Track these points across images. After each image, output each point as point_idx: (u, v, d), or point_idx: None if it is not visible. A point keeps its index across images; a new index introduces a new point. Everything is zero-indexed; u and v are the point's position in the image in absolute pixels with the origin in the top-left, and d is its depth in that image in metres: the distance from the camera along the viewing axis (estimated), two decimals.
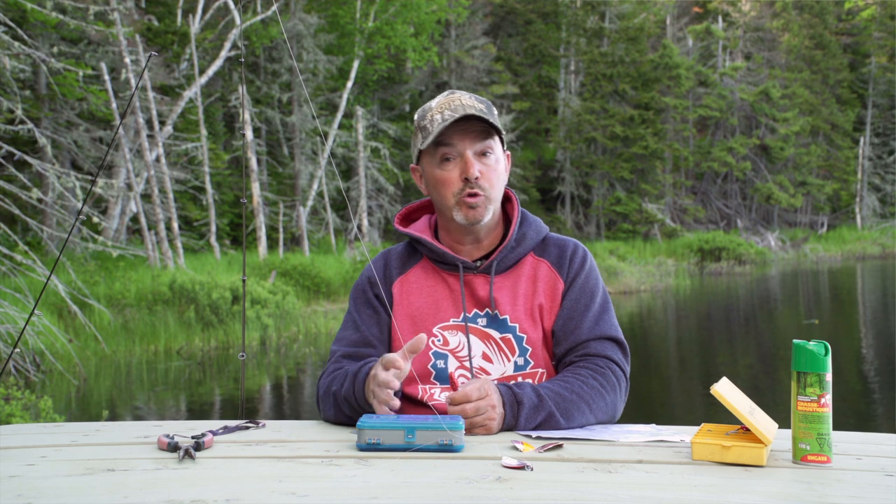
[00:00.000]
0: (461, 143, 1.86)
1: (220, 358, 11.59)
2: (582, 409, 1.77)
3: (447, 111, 1.85)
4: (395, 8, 24.16)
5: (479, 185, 1.86)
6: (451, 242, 1.96)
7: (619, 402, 1.86)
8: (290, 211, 22.00)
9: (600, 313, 1.92)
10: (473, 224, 1.89)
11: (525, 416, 1.71)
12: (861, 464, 1.44)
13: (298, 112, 22.81)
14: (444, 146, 1.87)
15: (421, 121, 1.91)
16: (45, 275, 10.32)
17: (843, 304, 17.98)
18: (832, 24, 40.65)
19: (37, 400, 6.49)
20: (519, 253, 1.94)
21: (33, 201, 12.44)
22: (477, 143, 1.87)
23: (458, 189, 1.87)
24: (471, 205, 1.87)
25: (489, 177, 1.88)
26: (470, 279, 1.93)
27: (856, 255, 32.53)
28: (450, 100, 1.88)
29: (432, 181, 1.91)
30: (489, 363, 1.89)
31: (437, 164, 1.89)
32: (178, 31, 20.74)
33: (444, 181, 1.88)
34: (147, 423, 1.85)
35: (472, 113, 1.83)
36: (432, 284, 1.95)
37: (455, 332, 1.91)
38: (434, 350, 1.90)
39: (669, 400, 8.83)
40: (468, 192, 1.86)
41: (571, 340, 1.89)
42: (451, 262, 1.93)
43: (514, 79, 31.32)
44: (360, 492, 1.28)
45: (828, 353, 1.43)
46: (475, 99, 1.89)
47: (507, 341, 1.89)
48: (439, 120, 1.85)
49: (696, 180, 35.58)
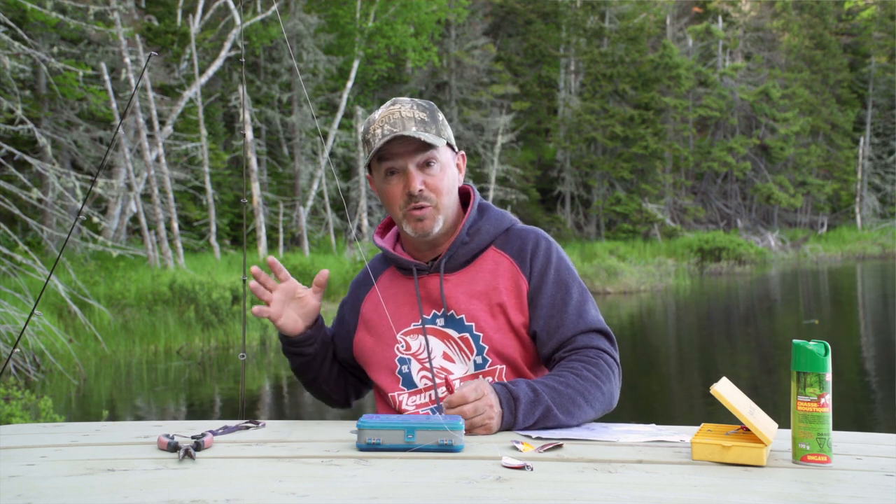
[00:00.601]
0: (402, 158, 1.86)
1: (220, 358, 11.59)
2: (578, 401, 1.76)
3: (387, 125, 1.85)
4: (395, 8, 24.16)
5: (424, 196, 1.86)
6: (411, 249, 1.98)
7: (615, 389, 1.85)
8: (290, 211, 22.00)
9: (580, 306, 1.89)
10: (423, 236, 1.90)
11: (523, 413, 1.70)
12: (861, 464, 1.44)
13: (298, 112, 22.82)
14: (386, 161, 1.87)
15: (365, 134, 1.92)
16: (45, 275, 10.32)
17: (843, 304, 17.98)
18: (832, 24, 40.65)
19: (37, 400, 6.48)
20: (473, 248, 1.92)
21: (33, 201, 12.44)
22: (417, 155, 1.86)
23: (403, 202, 1.87)
24: (418, 217, 1.87)
25: (435, 186, 1.87)
26: (425, 281, 1.93)
27: (856, 255, 32.53)
28: (390, 112, 1.87)
29: (381, 194, 1.93)
30: (451, 363, 1.88)
31: (383, 178, 1.90)
32: (178, 31, 20.74)
33: (390, 195, 1.89)
34: (147, 423, 1.86)
35: (408, 134, 1.82)
36: (395, 293, 1.97)
37: (416, 335, 1.91)
38: (399, 356, 1.92)
39: (669, 400, 8.83)
40: (413, 205, 1.86)
41: (557, 339, 1.87)
42: (404, 266, 1.95)
43: (514, 79, 31.33)
44: (360, 492, 1.28)
45: (828, 353, 1.43)
46: (416, 108, 1.88)
47: (465, 340, 1.88)
48: (379, 135, 1.85)
49: (696, 180, 35.59)
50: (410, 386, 1.91)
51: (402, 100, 1.90)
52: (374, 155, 1.87)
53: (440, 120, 1.90)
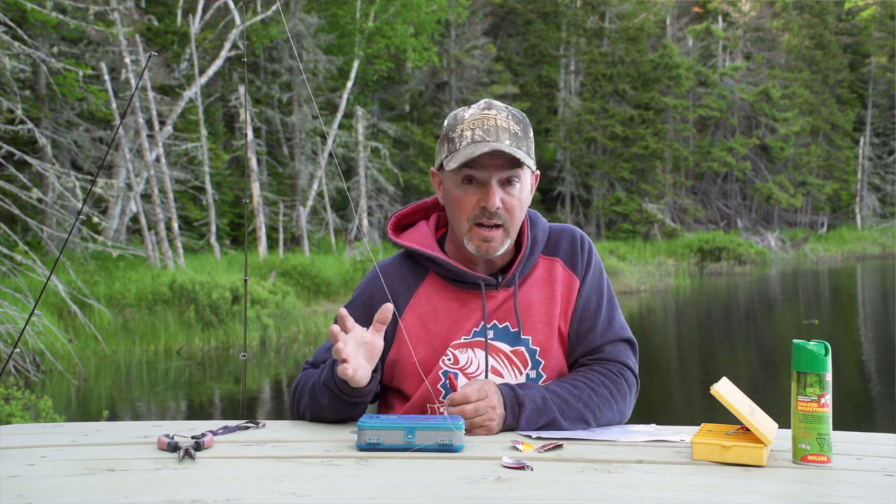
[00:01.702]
0: (486, 170, 1.74)
1: (220, 358, 11.59)
2: (586, 417, 1.74)
3: (479, 130, 1.73)
4: (395, 8, 24.16)
5: (498, 214, 1.75)
6: (461, 258, 1.86)
7: (628, 407, 1.83)
8: (290, 211, 21.99)
9: (610, 311, 1.88)
10: (485, 256, 1.80)
11: (526, 419, 1.69)
12: (861, 464, 1.44)
13: (298, 112, 22.81)
14: (468, 168, 1.75)
15: (450, 131, 1.78)
16: (45, 275, 10.31)
17: (843, 304, 17.97)
18: (832, 24, 40.64)
19: (37, 400, 6.48)
20: (532, 259, 1.87)
21: (33, 201, 12.44)
22: (503, 171, 1.74)
23: (474, 214, 1.76)
24: (485, 238, 1.76)
25: (511, 207, 1.76)
26: (489, 295, 1.85)
27: (856, 255, 32.53)
28: (484, 117, 1.74)
29: (449, 198, 1.80)
30: (499, 377, 1.82)
31: (458, 183, 1.77)
32: (178, 31, 20.73)
33: (462, 204, 1.77)
34: (147, 423, 1.85)
35: (502, 149, 1.69)
36: (445, 305, 1.85)
37: (465, 349, 1.83)
38: (444, 370, 1.83)
39: (669, 400, 8.83)
40: (484, 221, 1.76)
41: (585, 346, 1.85)
42: (470, 280, 1.83)
43: (514, 79, 31.33)
44: (360, 492, 1.28)
45: (828, 353, 1.43)
46: (512, 119, 1.75)
47: (519, 354, 1.83)
48: (469, 138, 1.73)
49: (696, 180, 35.58)
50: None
51: (498, 105, 1.78)
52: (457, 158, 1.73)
53: (531, 137, 1.80)
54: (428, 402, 1.84)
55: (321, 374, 1.77)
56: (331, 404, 1.75)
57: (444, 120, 1.87)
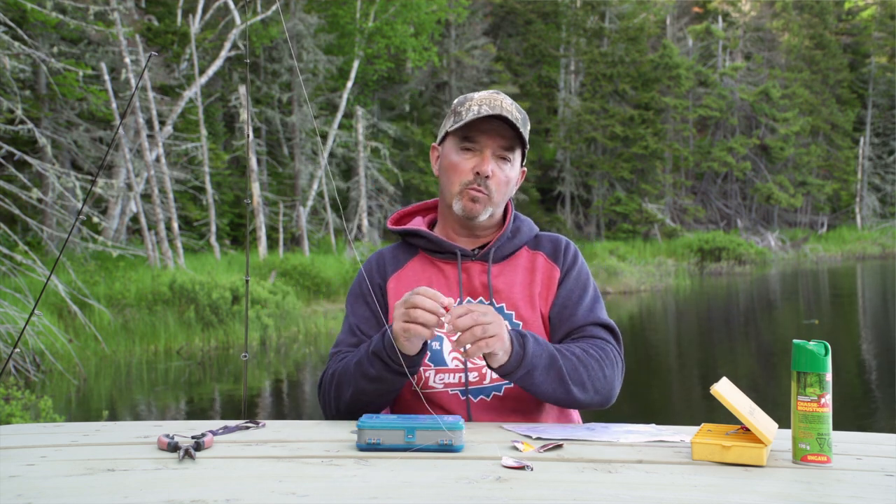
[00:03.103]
0: (486, 139, 1.90)
1: (220, 358, 11.59)
2: (579, 370, 1.81)
3: (485, 106, 1.88)
4: (395, 8, 24.16)
5: (487, 184, 1.90)
6: (447, 233, 2.00)
7: (616, 379, 1.88)
8: (290, 211, 21.99)
9: (593, 303, 1.97)
10: (470, 218, 1.92)
11: (532, 348, 1.75)
12: (861, 464, 1.44)
13: (298, 112, 22.81)
14: (469, 138, 1.91)
15: (458, 106, 1.94)
16: (45, 275, 10.32)
17: (843, 304, 17.98)
18: (832, 24, 40.65)
19: (37, 400, 6.48)
20: (514, 244, 1.98)
21: (33, 201, 12.44)
22: (501, 146, 1.91)
23: (467, 180, 1.91)
24: (473, 198, 1.90)
25: (498, 180, 1.91)
26: (467, 267, 1.96)
27: (856, 255, 32.54)
28: (493, 97, 1.91)
29: (446, 164, 1.95)
30: None
31: (457, 149, 1.93)
32: (178, 31, 20.73)
33: (457, 168, 1.92)
34: (147, 423, 1.85)
35: (507, 117, 1.86)
36: (429, 276, 1.96)
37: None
38: None
39: (669, 400, 8.83)
40: (475, 186, 1.90)
41: (567, 327, 1.93)
42: (448, 249, 1.95)
43: (514, 79, 31.33)
44: (360, 492, 1.28)
45: (828, 353, 1.43)
46: (516, 108, 1.92)
47: None
48: (475, 111, 1.88)
49: (696, 180, 35.59)
50: (439, 364, 1.90)
51: (504, 95, 1.95)
52: (463, 126, 1.89)
53: (528, 130, 1.96)
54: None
55: (368, 347, 1.81)
56: (379, 376, 1.79)
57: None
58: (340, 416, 1.88)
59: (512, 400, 1.88)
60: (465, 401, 1.88)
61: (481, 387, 1.88)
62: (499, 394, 1.88)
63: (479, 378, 1.88)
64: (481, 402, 1.88)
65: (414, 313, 1.66)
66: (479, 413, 1.87)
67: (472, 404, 1.88)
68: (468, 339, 1.64)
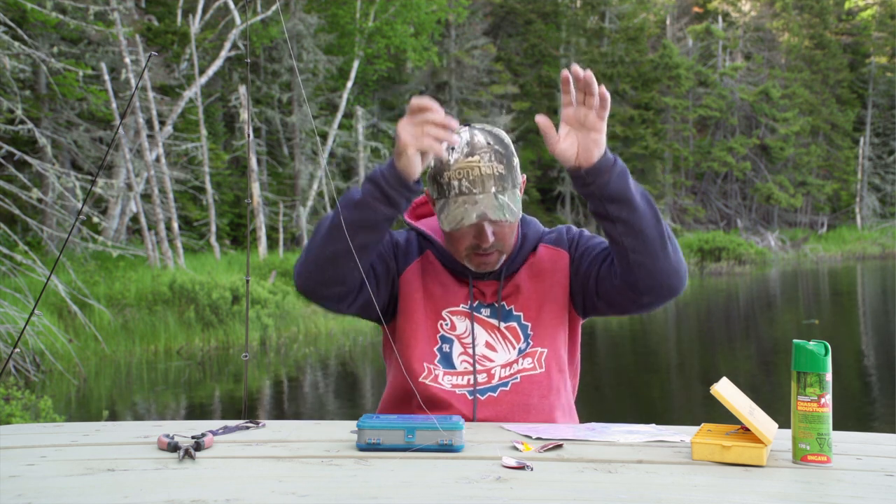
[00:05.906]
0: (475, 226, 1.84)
1: (220, 358, 11.59)
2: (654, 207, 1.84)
3: (465, 181, 1.78)
4: (395, 8, 24.15)
5: (493, 244, 1.85)
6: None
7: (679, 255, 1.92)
8: (290, 211, 21.99)
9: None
10: (486, 272, 1.92)
11: (617, 159, 1.80)
12: (861, 464, 1.44)
13: (298, 112, 22.80)
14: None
15: (437, 175, 1.83)
16: (45, 275, 10.31)
17: (843, 304, 17.97)
18: (832, 24, 40.64)
19: (37, 400, 6.48)
20: (523, 254, 1.97)
21: (33, 201, 12.44)
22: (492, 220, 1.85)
23: (470, 246, 1.86)
24: (483, 262, 1.88)
25: (504, 235, 1.86)
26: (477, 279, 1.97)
27: (856, 255, 32.53)
28: (469, 166, 1.78)
29: (443, 231, 1.88)
30: (493, 351, 1.91)
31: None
32: (178, 31, 20.72)
33: (458, 241, 1.87)
34: (147, 423, 1.85)
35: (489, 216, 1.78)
36: (440, 278, 1.96)
37: (462, 318, 1.92)
38: (441, 333, 1.92)
39: (669, 400, 8.83)
40: (481, 252, 1.85)
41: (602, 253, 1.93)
42: (459, 269, 1.94)
43: (514, 79, 31.31)
44: (360, 492, 1.28)
45: (828, 353, 1.43)
46: (494, 157, 1.79)
47: (512, 330, 1.92)
48: (456, 189, 1.78)
49: (696, 180, 35.58)
50: (448, 366, 1.90)
51: (480, 145, 1.80)
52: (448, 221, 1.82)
53: (515, 165, 1.84)
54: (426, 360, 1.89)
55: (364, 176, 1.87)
56: (363, 201, 1.74)
57: None
58: (308, 265, 1.80)
59: (518, 394, 1.88)
60: (472, 400, 1.88)
61: (489, 385, 1.89)
62: (506, 389, 1.88)
63: (487, 379, 1.89)
64: (489, 398, 1.88)
65: (427, 127, 1.66)
66: (484, 410, 1.87)
67: (479, 402, 1.88)
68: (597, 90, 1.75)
